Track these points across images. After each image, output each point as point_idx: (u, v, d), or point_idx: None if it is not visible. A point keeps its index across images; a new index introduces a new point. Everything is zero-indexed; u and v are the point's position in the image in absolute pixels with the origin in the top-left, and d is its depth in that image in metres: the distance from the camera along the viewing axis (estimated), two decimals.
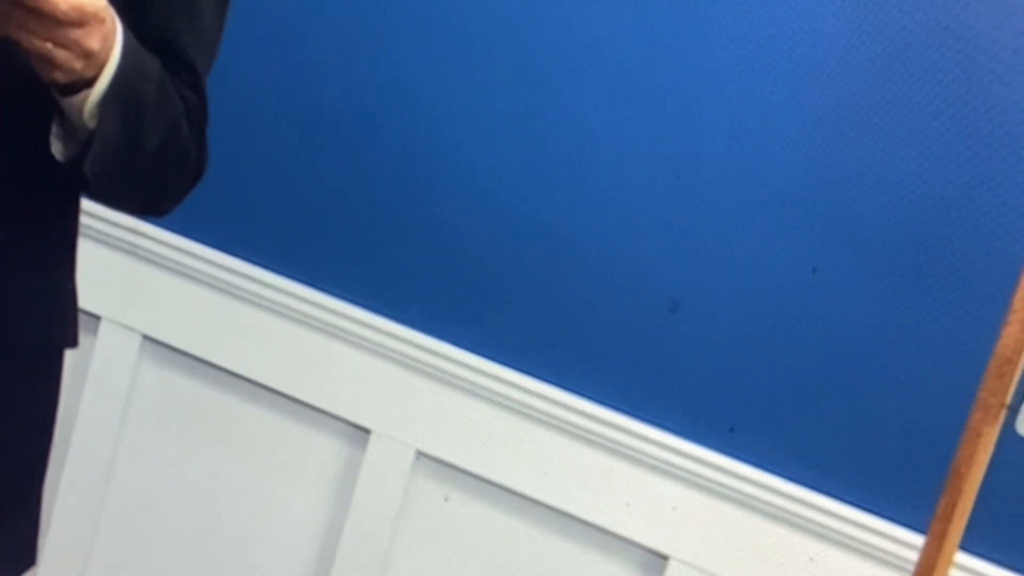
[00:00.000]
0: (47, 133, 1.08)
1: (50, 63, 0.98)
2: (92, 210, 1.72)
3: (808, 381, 1.79)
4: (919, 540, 1.60)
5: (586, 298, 1.87)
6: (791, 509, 1.79)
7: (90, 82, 1.01)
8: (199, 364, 2.04)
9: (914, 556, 1.53)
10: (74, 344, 1.22)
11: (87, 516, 2.08)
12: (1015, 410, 1.28)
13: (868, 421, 1.77)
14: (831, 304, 1.78)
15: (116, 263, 2.03)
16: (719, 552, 1.83)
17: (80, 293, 1.23)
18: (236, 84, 1.92)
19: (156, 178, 1.14)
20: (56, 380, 1.23)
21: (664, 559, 1.86)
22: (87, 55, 0.99)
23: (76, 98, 1.02)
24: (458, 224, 1.91)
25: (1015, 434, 1.30)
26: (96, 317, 2.03)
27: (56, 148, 1.08)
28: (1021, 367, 1.25)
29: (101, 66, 1.01)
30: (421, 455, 1.95)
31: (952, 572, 1.30)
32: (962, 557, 1.68)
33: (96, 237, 1.99)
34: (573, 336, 1.88)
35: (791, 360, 1.80)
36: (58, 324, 1.19)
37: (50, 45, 0.96)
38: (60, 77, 1.00)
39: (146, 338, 2.05)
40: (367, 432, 1.96)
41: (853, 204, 1.76)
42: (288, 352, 1.98)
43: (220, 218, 1.99)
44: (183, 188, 1.19)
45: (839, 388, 1.78)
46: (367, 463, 1.96)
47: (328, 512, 2.00)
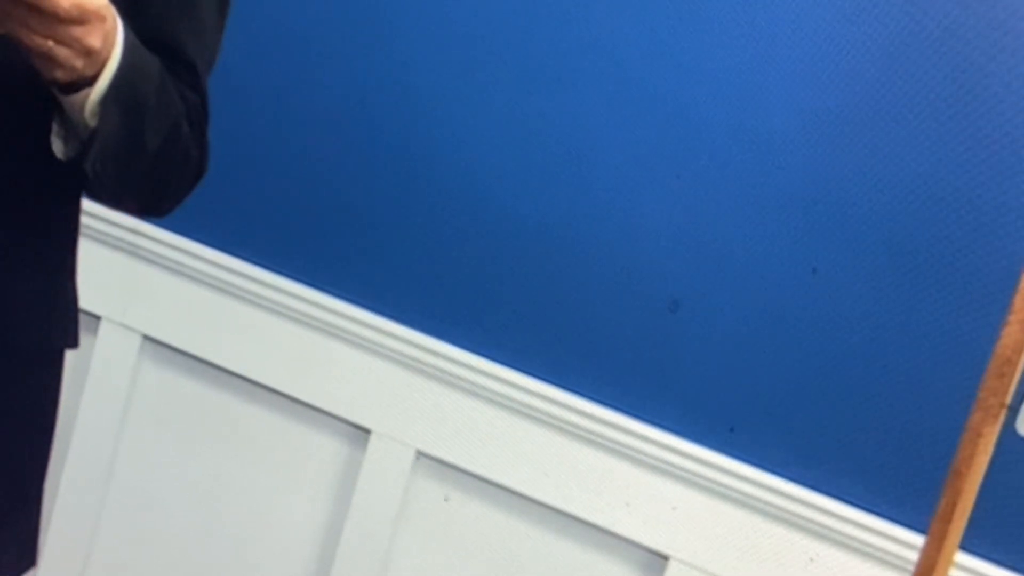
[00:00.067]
0: (48, 132, 1.08)
1: (51, 61, 0.98)
2: (92, 210, 1.72)
3: (808, 381, 1.79)
4: (919, 540, 1.60)
5: (586, 298, 1.87)
6: (791, 509, 1.79)
7: (91, 80, 1.01)
8: (199, 364, 2.04)
9: (914, 556, 1.53)
10: (74, 344, 1.22)
11: (87, 516, 2.08)
12: (1015, 410, 1.28)
13: (868, 421, 1.77)
14: (831, 304, 1.78)
15: (116, 263, 2.03)
16: (719, 552, 1.83)
17: (80, 293, 1.23)
18: (236, 84, 1.92)
19: (157, 178, 1.14)
20: (56, 380, 1.22)
21: (664, 559, 1.86)
22: (88, 53, 0.99)
23: (77, 96, 1.02)
24: (458, 224, 1.91)
25: (1015, 434, 1.30)
26: (96, 317, 2.03)
27: (57, 147, 1.08)
28: (1021, 367, 1.25)
29: (102, 64, 1.01)
30: (421, 455, 1.95)
31: (952, 572, 1.30)
32: (962, 557, 1.68)
33: (96, 237, 1.99)
34: (573, 336, 1.88)
35: (791, 360, 1.80)
36: (58, 324, 1.19)
37: (51, 43, 0.96)
38: (61, 75, 1.00)
39: (146, 338, 2.05)
40: (367, 432, 1.96)
41: (853, 204, 1.76)
42: (288, 352, 1.98)
43: (220, 218, 1.99)
44: (184, 188, 1.19)
45: (839, 388, 1.78)
46: (367, 463, 1.96)
47: (328, 512, 2.00)
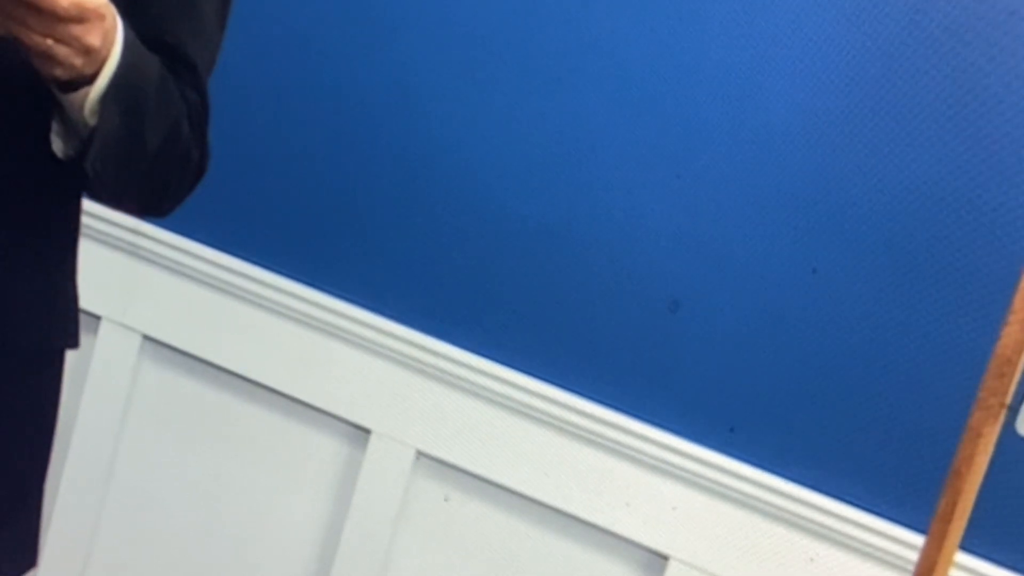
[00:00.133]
0: (48, 132, 1.08)
1: (50, 60, 0.98)
2: (92, 210, 1.72)
3: (808, 381, 1.79)
4: (919, 540, 1.59)
5: (586, 298, 1.87)
6: (791, 509, 1.79)
7: (90, 79, 1.01)
8: (199, 364, 2.04)
9: (914, 556, 1.53)
10: (75, 344, 1.22)
11: (87, 516, 2.07)
12: (1015, 410, 1.28)
13: (868, 421, 1.77)
14: (831, 304, 1.78)
15: (116, 263, 2.03)
16: (719, 552, 1.83)
17: (80, 293, 1.23)
18: (236, 84, 1.92)
19: (157, 177, 1.14)
20: (57, 381, 1.22)
21: (664, 559, 1.86)
22: (87, 51, 0.98)
23: (76, 95, 1.02)
24: (458, 224, 1.91)
25: (1015, 434, 1.30)
26: (96, 317, 2.03)
27: (57, 145, 1.08)
28: (1021, 367, 1.25)
29: (102, 63, 1.01)
30: (421, 455, 1.95)
31: (952, 572, 1.30)
32: (962, 557, 1.68)
33: (96, 237, 1.99)
34: (573, 336, 1.88)
35: (791, 360, 1.80)
36: (59, 324, 1.19)
37: (50, 41, 0.96)
38: (60, 74, 1.00)
39: (146, 338, 2.05)
40: (367, 432, 1.96)
41: (853, 204, 1.76)
42: (288, 352, 1.98)
43: (220, 218, 1.99)
44: (184, 188, 1.19)
45: (839, 388, 1.78)
46: (367, 463, 1.96)
47: (328, 512, 2.00)
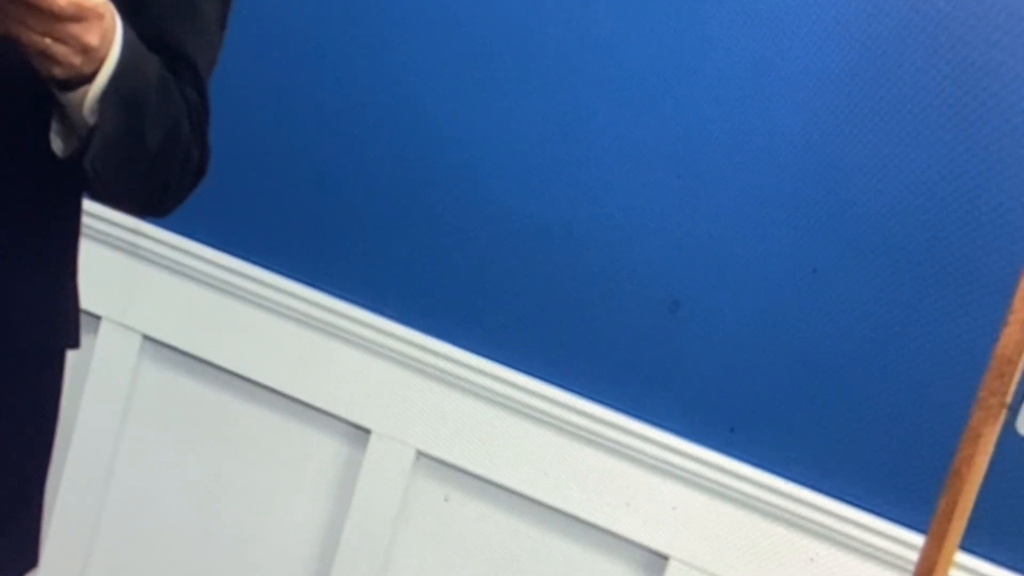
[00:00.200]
0: (47, 131, 1.08)
1: (49, 59, 0.98)
2: (92, 210, 1.72)
3: (808, 381, 1.79)
4: (919, 540, 1.60)
5: (586, 298, 1.87)
6: (791, 509, 1.79)
7: (89, 78, 1.01)
8: (199, 364, 2.04)
9: (914, 556, 1.53)
10: (75, 344, 1.21)
11: (87, 516, 2.07)
12: (1015, 410, 1.28)
13: (868, 421, 1.77)
14: (831, 304, 1.78)
15: (116, 263, 2.03)
16: (719, 552, 1.83)
17: (80, 293, 1.23)
18: (236, 84, 1.92)
19: (157, 177, 1.14)
20: (58, 381, 1.22)
21: (664, 559, 1.86)
22: (86, 50, 0.98)
23: (76, 94, 1.02)
24: (458, 224, 1.91)
25: (1015, 434, 1.30)
26: (96, 317, 2.03)
27: (56, 145, 1.08)
28: (1021, 367, 1.25)
29: (100, 62, 1.01)
30: (421, 455, 1.95)
31: (952, 572, 1.30)
32: (962, 557, 1.68)
33: (96, 237, 1.99)
34: (573, 336, 1.88)
35: (791, 360, 1.80)
36: (59, 325, 1.19)
37: (49, 40, 0.96)
38: (59, 73, 1.00)
39: (146, 338, 2.05)
40: (367, 432, 1.96)
41: (853, 204, 1.76)
42: (288, 352, 1.98)
43: (220, 218, 1.99)
44: (184, 188, 1.19)
45: (839, 388, 1.78)
46: (367, 463, 1.96)
47: (328, 512, 2.00)
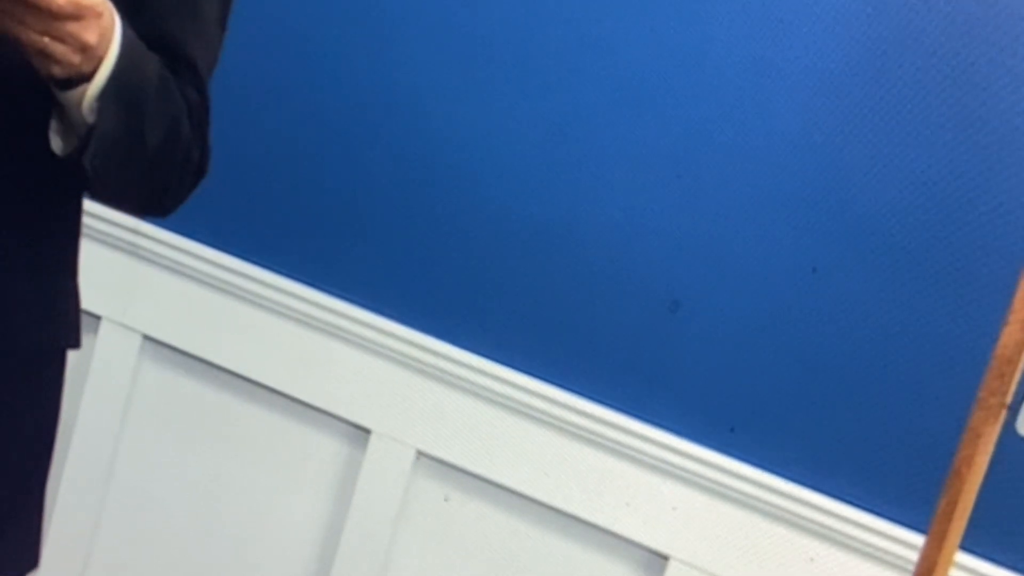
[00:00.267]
0: (47, 131, 1.08)
1: (47, 57, 0.98)
2: (92, 210, 1.72)
3: (808, 381, 1.79)
4: (919, 540, 1.60)
5: (586, 298, 1.87)
6: (791, 509, 1.79)
7: (88, 77, 1.01)
8: (199, 364, 2.04)
9: (914, 556, 1.53)
10: (76, 345, 1.21)
11: (87, 516, 2.07)
12: (1015, 410, 1.28)
13: (868, 421, 1.77)
14: (831, 304, 1.78)
15: (116, 263, 2.03)
16: (719, 552, 1.83)
17: (80, 293, 1.23)
18: (236, 84, 1.92)
19: (157, 176, 1.14)
20: (58, 381, 1.22)
21: (664, 559, 1.86)
22: (84, 49, 0.98)
23: (74, 93, 1.02)
24: (458, 224, 1.91)
25: (1015, 434, 1.30)
26: (96, 317, 2.03)
27: (55, 143, 1.08)
28: (1021, 367, 1.25)
29: (99, 60, 1.01)
30: (421, 455, 1.95)
31: (952, 572, 1.30)
32: (962, 557, 1.68)
33: (96, 237, 1.99)
34: (573, 336, 1.88)
35: (791, 360, 1.80)
36: (60, 325, 1.19)
37: (47, 39, 0.96)
38: (58, 71, 1.00)
39: (146, 338, 2.05)
40: (367, 432, 1.96)
41: (853, 204, 1.76)
42: (288, 352, 1.98)
43: (220, 218, 1.99)
44: (184, 188, 1.19)
45: (839, 388, 1.78)
46: (367, 463, 1.96)
47: (328, 512, 2.00)
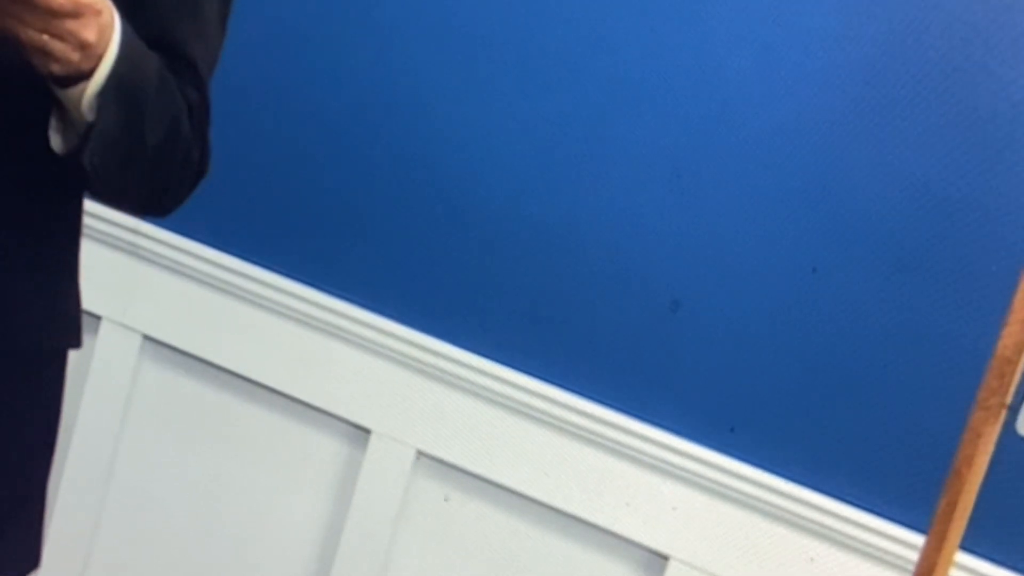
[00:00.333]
0: (47, 130, 1.08)
1: (46, 55, 0.98)
2: (92, 210, 1.72)
3: (808, 381, 1.79)
4: (919, 540, 1.60)
5: (586, 298, 1.87)
6: (791, 509, 1.79)
7: (88, 75, 1.01)
8: (199, 364, 2.04)
9: (914, 556, 1.53)
10: (77, 345, 1.21)
11: (87, 516, 2.07)
12: (1015, 410, 1.28)
13: (868, 421, 1.77)
14: (831, 304, 1.78)
15: (116, 263, 2.03)
16: (719, 552, 1.83)
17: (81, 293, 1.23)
18: (236, 84, 1.92)
19: (157, 175, 1.14)
20: (59, 381, 1.22)
21: (664, 559, 1.86)
22: (83, 47, 0.98)
23: (74, 91, 1.02)
24: (458, 224, 1.91)
25: (1015, 434, 1.30)
26: (96, 317, 2.03)
27: (55, 141, 1.08)
28: (1021, 367, 1.25)
29: (98, 58, 1.01)
30: (421, 455, 1.95)
31: (952, 572, 1.30)
32: (962, 557, 1.68)
33: (96, 237, 1.99)
34: (573, 336, 1.88)
35: (791, 360, 1.80)
36: (60, 324, 1.19)
37: (46, 37, 0.96)
38: (57, 69, 1.00)
39: (146, 338, 2.05)
40: (367, 432, 1.96)
41: (853, 204, 1.76)
42: (288, 352, 1.98)
43: (220, 218, 1.99)
44: (185, 187, 1.19)
45: (839, 388, 1.78)
46: (367, 463, 1.96)
47: (328, 512, 2.00)
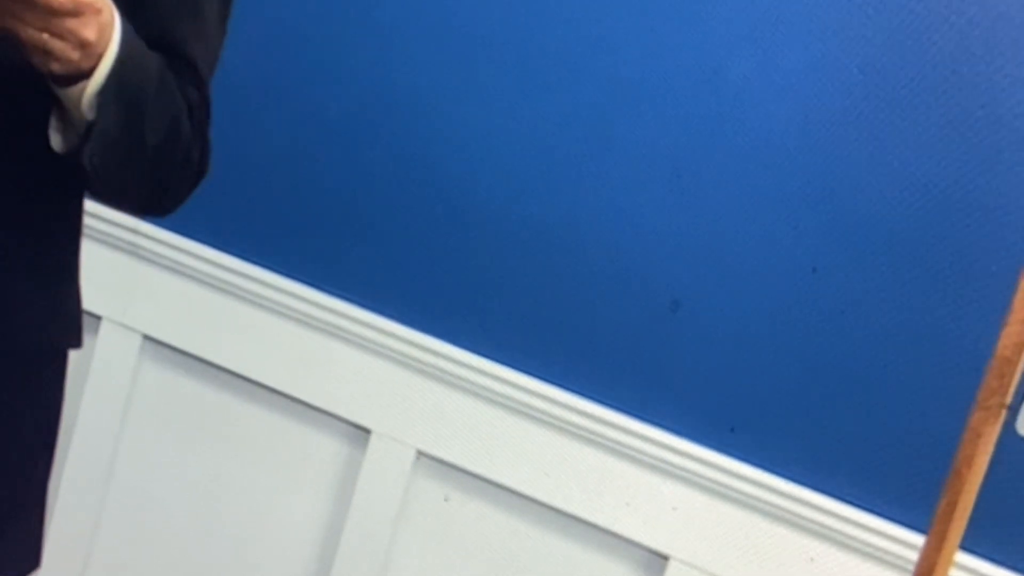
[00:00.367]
0: (47, 130, 1.08)
1: (46, 54, 0.98)
2: (92, 210, 1.71)
3: (808, 381, 1.79)
4: (919, 540, 1.59)
5: (586, 298, 1.87)
6: (791, 509, 1.79)
7: (88, 74, 1.01)
8: (199, 364, 2.04)
9: (914, 556, 1.53)
10: (78, 345, 1.21)
11: (87, 516, 2.07)
12: (1015, 410, 1.28)
13: (868, 421, 1.77)
14: (831, 304, 1.78)
15: (116, 263, 2.03)
16: (719, 552, 1.83)
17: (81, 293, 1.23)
18: (236, 84, 1.92)
19: (157, 174, 1.14)
20: (60, 382, 1.22)
21: (664, 559, 1.86)
22: (83, 45, 0.99)
23: (74, 90, 1.02)
24: (458, 224, 1.91)
25: (1015, 434, 1.30)
26: (96, 317, 2.03)
27: (55, 140, 1.08)
28: (1021, 367, 1.25)
29: (98, 57, 1.01)
30: (421, 455, 1.95)
31: (952, 572, 1.30)
32: (962, 557, 1.68)
33: (96, 237, 1.99)
34: (573, 336, 1.88)
35: (791, 360, 1.80)
36: (61, 324, 1.19)
37: (46, 36, 0.96)
38: (57, 68, 1.00)
39: (146, 338, 2.05)
40: (367, 432, 1.96)
41: (853, 204, 1.76)
42: (288, 352, 1.98)
43: (220, 218, 1.99)
44: (185, 187, 1.19)
45: (839, 388, 1.78)
46: (367, 463, 1.96)
47: (328, 512, 2.00)
